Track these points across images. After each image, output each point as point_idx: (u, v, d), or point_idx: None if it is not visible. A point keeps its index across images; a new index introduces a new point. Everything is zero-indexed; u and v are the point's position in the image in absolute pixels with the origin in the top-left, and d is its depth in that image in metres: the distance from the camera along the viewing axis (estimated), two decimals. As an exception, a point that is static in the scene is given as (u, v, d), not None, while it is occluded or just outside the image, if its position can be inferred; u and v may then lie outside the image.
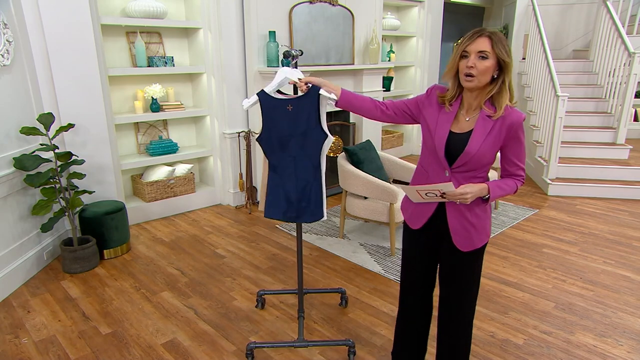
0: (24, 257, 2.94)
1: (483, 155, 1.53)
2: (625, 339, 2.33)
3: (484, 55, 1.45)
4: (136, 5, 3.59)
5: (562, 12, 6.41)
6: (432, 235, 1.72)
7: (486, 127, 1.52)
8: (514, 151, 1.58)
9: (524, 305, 2.65)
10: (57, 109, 3.23)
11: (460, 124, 1.58)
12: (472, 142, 1.53)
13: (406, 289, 1.87)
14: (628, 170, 4.76)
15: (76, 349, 2.25)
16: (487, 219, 1.68)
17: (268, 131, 2.01)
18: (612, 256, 3.29)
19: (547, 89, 5.06)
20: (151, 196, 3.98)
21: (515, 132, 1.53)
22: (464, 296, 1.73)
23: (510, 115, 1.52)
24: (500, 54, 1.45)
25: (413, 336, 1.92)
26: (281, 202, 2.06)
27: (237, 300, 2.70)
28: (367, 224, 3.88)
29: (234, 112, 4.18)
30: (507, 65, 1.47)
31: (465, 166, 1.56)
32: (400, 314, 1.93)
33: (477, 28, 1.50)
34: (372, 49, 4.74)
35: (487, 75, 1.48)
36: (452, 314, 1.77)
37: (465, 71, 1.48)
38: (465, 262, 1.69)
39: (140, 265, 3.17)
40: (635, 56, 4.81)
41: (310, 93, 1.90)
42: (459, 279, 1.72)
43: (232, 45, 4.01)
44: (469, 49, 1.47)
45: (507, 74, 1.49)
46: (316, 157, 1.99)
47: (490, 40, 1.45)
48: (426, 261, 1.78)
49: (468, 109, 1.58)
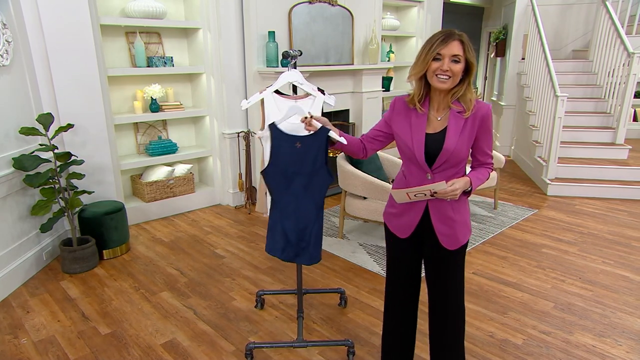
0: (23, 258, 2.94)
1: (460, 150, 1.59)
2: (624, 339, 2.33)
3: (457, 59, 1.51)
4: (135, 6, 3.59)
5: (562, 12, 6.41)
6: (419, 240, 1.77)
7: (459, 123, 1.59)
8: (485, 141, 1.65)
9: (523, 305, 2.65)
10: (56, 109, 3.23)
11: (433, 124, 1.63)
12: (449, 139, 1.58)
13: (393, 291, 1.90)
14: (627, 170, 4.76)
15: (75, 349, 2.25)
16: (467, 212, 1.73)
17: (274, 165, 1.96)
18: (611, 256, 3.29)
19: (546, 89, 5.07)
20: (150, 196, 3.98)
21: (486, 123, 1.61)
22: (452, 293, 1.77)
23: (480, 109, 1.59)
24: (469, 57, 1.53)
25: (400, 336, 1.93)
26: (280, 240, 2.02)
27: (237, 301, 2.70)
28: (367, 224, 3.88)
29: (233, 112, 4.18)
30: (473, 67, 1.55)
31: (446, 164, 1.61)
32: (387, 315, 1.94)
33: (447, 30, 1.54)
34: (372, 49, 4.74)
35: (459, 77, 1.55)
36: (442, 311, 1.79)
37: (440, 73, 1.53)
38: (451, 260, 1.73)
39: (140, 265, 3.17)
40: (635, 56, 4.81)
41: (320, 134, 1.88)
42: (446, 276, 1.75)
43: (231, 45, 4.01)
44: (443, 52, 1.51)
45: (471, 75, 1.57)
46: (320, 198, 1.99)
47: (462, 44, 1.52)
48: (412, 264, 1.82)
49: (438, 109, 1.63)
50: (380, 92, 5.05)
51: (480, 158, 1.70)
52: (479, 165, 1.71)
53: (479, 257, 3.27)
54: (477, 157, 1.70)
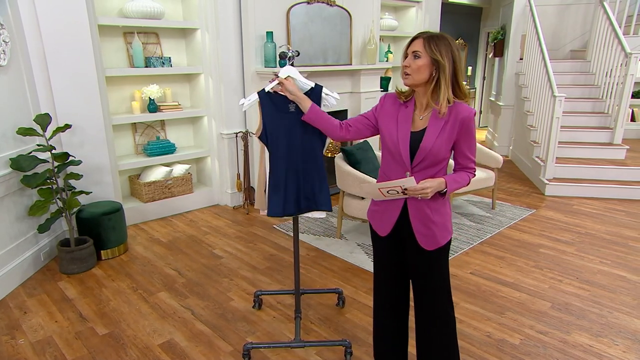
0: (21, 258, 2.93)
1: (439, 150, 1.61)
2: (621, 338, 2.34)
3: (417, 54, 1.57)
4: (133, 6, 3.59)
5: (560, 12, 6.42)
6: (398, 239, 1.78)
7: (438, 123, 1.62)
8: (467, 145, 1.67)
9: (520, 305, 2.65)
10: (54, 109, 3.23)
11: (416, 122, 1.68)
12: (427, 138, 1.62)
13: (378, 291, 1.92)
14: (625, 170, 4.77)
15: (73, 350, 2.25)
16: (447, 215, 1.74)
17: (270, 129, 2.01)
18: (609, 256, 3.30)
19: (544, 89, 5.08)
20: (149, 197, 3.98)
21: (467, 126, 1.62)
22: (434, 293, 1.78)
23: (461, 112, 1.61)
24: (432, 53, 1.55)
25: (390, 335, 1.94)
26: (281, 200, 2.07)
27: (234, 301, 2.70)
28: (365, 224, 3.88)
29: (231, 112, 4.18)
30: (440, 65, 1.56)
31: (424, 163, 1.64)
32: (375, 315, 1.96)
33: (420, 32, 1.63)
34: (370, 49, 4.74)
35: (422, 74, 1.58)
36: (426, 311, 1.81)
37: (402, 70, 1.61)
38: (432, 261, 1.74)
39: (138, 265, 3.17)
40: (632, 56, 4.83)
41: (315, 92, 1.92)
42: (427, 277, 1.77)
43: (229, 45, 4.01)
44: (408, 51, 1.60)
45: (442, 73, 1.57)
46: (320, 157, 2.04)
47: (423, 40, 1.57)
48: (396, 263, 1.84)
49: (420, 108, 1.67)
50: (378, 92, 5.04)
51: (461, 162, 1.71)
52: (460, 169, 1.72)
53: (477, 257, 3.28)
54: (458, 161, 1.72)
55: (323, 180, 2.09)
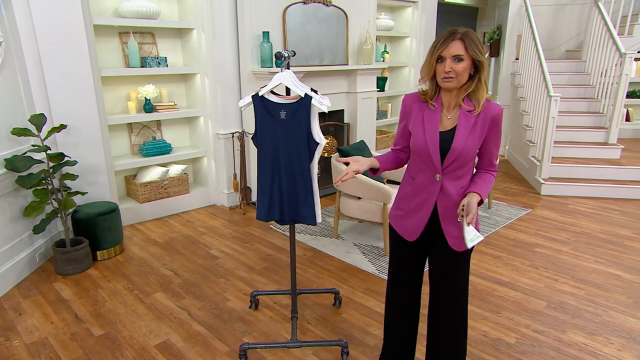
0: (16, 259, 2.92)
1: (469, 150, 1.58)
2: (615, 337, 2.35)
3: (459, 58, 1.50)
4: (129, 6, 3.57)
5: (555, 12, 6.45)
6: (425, 242, 1.74)
7: (469, 122, 1.58)
8: (494, 143, 1.65)
9: (516, 304, 2.66)
10: (49, 109, 3.21)
11: (443, 122, 1.62)
12: (458, 138, 1.57)
13: (395, 293, 1.89)
14: (620, 169, 4.80)
15: (68, 351, 2.24)
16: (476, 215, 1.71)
17: (260, 133, 2.03)
18: (604, 255, 3.32)
19: (540, 89, 5.10)
20: (145, 197, 3.97)
21: (497, 123, 1.60)
22: (457, 294, 1.76)
23: (491, 109, 1.58)
24: (474, 54, 1.50)
25: (403, 338, 1.93)
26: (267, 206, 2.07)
27: (231, 301, 2.70)
28: (361, 224, 3.88)
29: (227, 112, 4.17)
30: (481, 64, 1.53)
31: (454, 164, 1.60)
32: (390, 317, 1.93)
33: (449, 30, 1.53)
34: (366, 49, 4.75)
35: (464, 75, 1.53)
36: (446, 313, 1.78)
37: (444, 75, 1.52)
38: (458, 261, 1.71)
39: (134, 266, 3.16)
40: (626, 57, 4.85)
41: (304, 102, 1.91)
42: (452, 278, 1.74)
43: (225, 45, 4.01)
44: (444, 54, 1.51)
45: (482, 72, 1.54)
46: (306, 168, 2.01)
47: (463, 42, 1.50)
48: (417, 265, 1.81)
49: (448, 108, 1.62)
50: (375, 92, 5.05)
51: (486, 159, 1.68)
52: (485, 167, 1.69)
53: (473, 256, 3.29)
54: (484, 160, 1.68)
55: (309, 194, 2.03)
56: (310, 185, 2.03)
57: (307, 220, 2.06)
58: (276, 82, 1.99)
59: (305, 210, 2.05)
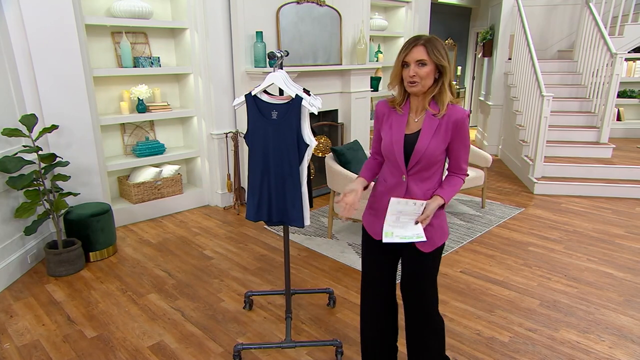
0: (7, 261, 2.89)
1: (433, 152, 1.62)
2: (607, 334, 2.37)
3: (423, 62, 1.55)
4: (121, 5, 3.55)
5: (547, 13, 6.49)
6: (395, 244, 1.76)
7: (432, 124, 1.62)
8: (460, 146, 1.67)
9: (509, 303, 2.68)
10: (40, 110, 3.18)
11: (411, 125, 1.68)
12: (421, 140, 1.62)
13: (366, 291, 1.90)
14: (612, 168, 4.84)
15: (60, 354, 2.22)
16: (443, 216, 1.76)
17: (252, 132, 2.03)
18: (596, 253, 3.35)
19: (532, 89, 5.13)
20: (138, 198, 3.95)
21: (460, 127, 1.63)
22: (425, 291, 1.78)
23: (455, 113, 1.61)
24: (436, 59, 1.55)
25: (378, 334, 1.94)
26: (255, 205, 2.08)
27: (225, 302, 2.69)
28: (356, 224, 3.89)
29: (221, 112, 4.16)
30: (445, 69, 1.57)
31: (419, 165, 1.64)
32: (363, 315, 1.94)
33: (414, 37, 1.60)
34: (360, 49, 4.75)
35: (429, 80, 1.58)
36: (416, 311, 1.80)
37: (409, 79, 1.58)
38: (427, 262, 1.75)
39: (127, 267, 3.14)
40: (617, 57, 4.90)
41: (294, 103, 1.91)
42: (421, 277, 1.77)
43: (219, 45, 3.99)
44: (407, 59, 1.57)
45: (445, 76, 1.59)
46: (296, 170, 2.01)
47: (425, 48, 1.55)
48: (388, 265, 1.83)
49: (416, 111, 1.68)
50: (368, 92, 5.06)
51: (454, 164, 1.72)
52: (454, 170, 1.73)
53: (467, 255, 3.30)
54: (451, 163, 1.73)
55: (298, 196, 2.03)
56: (299, 188, 2.03)
57: (294, 223, 2.06)
58: (268, 82, 1.99)
59: (293, 212, 2.05)
